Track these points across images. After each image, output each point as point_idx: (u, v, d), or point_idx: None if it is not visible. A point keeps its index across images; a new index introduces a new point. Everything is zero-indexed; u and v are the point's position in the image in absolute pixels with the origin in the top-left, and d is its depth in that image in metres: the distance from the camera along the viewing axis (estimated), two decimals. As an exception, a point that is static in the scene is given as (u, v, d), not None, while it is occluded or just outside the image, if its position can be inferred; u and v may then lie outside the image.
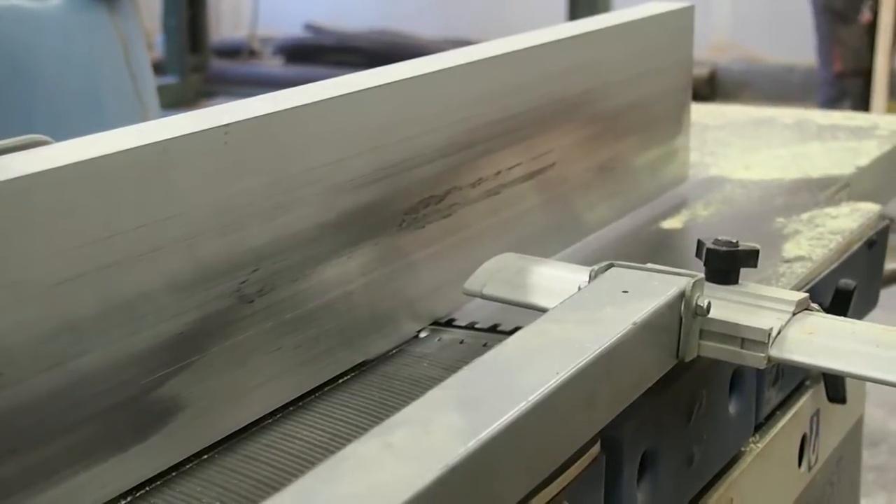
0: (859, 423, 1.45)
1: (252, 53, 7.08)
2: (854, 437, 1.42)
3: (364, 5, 7.36)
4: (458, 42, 6.00)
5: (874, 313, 1.38)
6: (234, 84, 6.27)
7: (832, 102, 5.05)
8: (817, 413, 1.24)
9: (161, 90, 2.29)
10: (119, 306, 0.78)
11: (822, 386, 1.22)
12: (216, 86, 6.31)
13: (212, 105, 0.93)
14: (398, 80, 1.01)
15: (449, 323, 1.09)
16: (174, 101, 5.20)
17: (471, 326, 1.08)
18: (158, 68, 4.79)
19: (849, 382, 1.21)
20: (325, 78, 0.99)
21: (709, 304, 0.92)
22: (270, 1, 7.08)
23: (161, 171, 0.80)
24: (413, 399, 0.73)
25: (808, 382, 1.22)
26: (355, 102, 0.96)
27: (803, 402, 1.21)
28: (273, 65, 7.03)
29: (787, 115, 1.91)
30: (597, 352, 0.80)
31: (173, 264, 0.82)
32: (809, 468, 1.24)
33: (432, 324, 1.08)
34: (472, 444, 0.68)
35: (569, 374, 0.77)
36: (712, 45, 6.62)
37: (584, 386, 0.79)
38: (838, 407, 1.24)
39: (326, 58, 6.68)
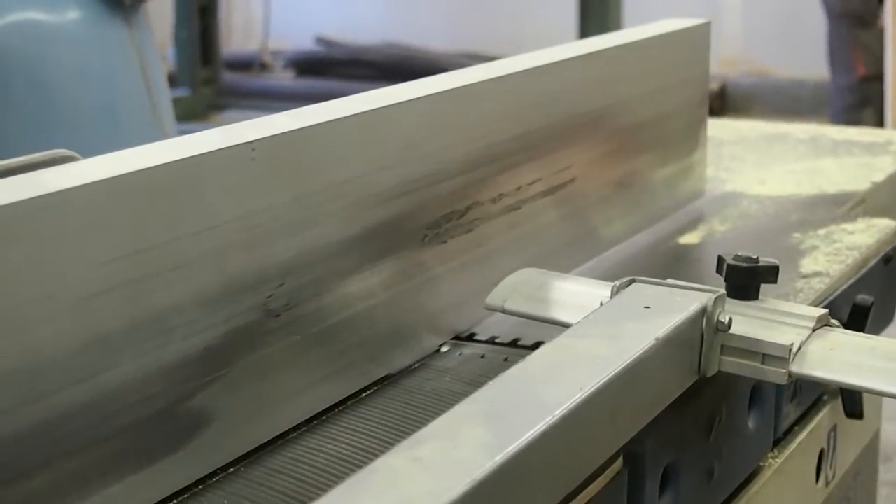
0: (876, 438, 1.46)
1: (263, 66, 7.10)
2: (871, 452, 1.43)
3: (375, 19, 7.38)
4: (469, 56, 6.03)
5: (891, 329, 1.39)
6: (245, 97, 6.28)
7: (852, 110, 5.00)
8: (835, 428, 1.24)
9: (173, 103, 2.30)
10: (149, 320, 0.79)
11: (839, 401, 1.22)
12: (227, 99, 6.32)
13: (223, 118, 0.94)
14: (422, 97, 1.02)
15: (470, 337, 1.09)
16: (185, 114, 5.20)
17: (491, 341, 1.08)
18: (170, 81, 4.82)
19: (866, 397, 1.22)
20: (336, 91, 1.00)
21: (730, 319, 0.92)
22: (282, 14, 7.10)
23: (189, 186, 0.81)
24: (435, 413, 0.74)
25: (825, 397, 1.23)
26: (379, 118, 0.97)
27: (821, 418, 1.21)
28: (284, 78, 7.04)
29: (802, 130, 1.91)
30: (620, 367, 0.81)
31: (201, 278, 0.82)
32: (827, 483, 1.25)
33: (453, 338, 1.09)
34: (500, 458, 0.68)
35: (593, 389, 0.78)
36: (722, 60, 6.63)
37: (607, 401, 0.79)
38: (855, 422, 1.24)
39: (337, 71, 6.69)
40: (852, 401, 1.20)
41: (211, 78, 6.30)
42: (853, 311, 1.23)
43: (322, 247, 0.93)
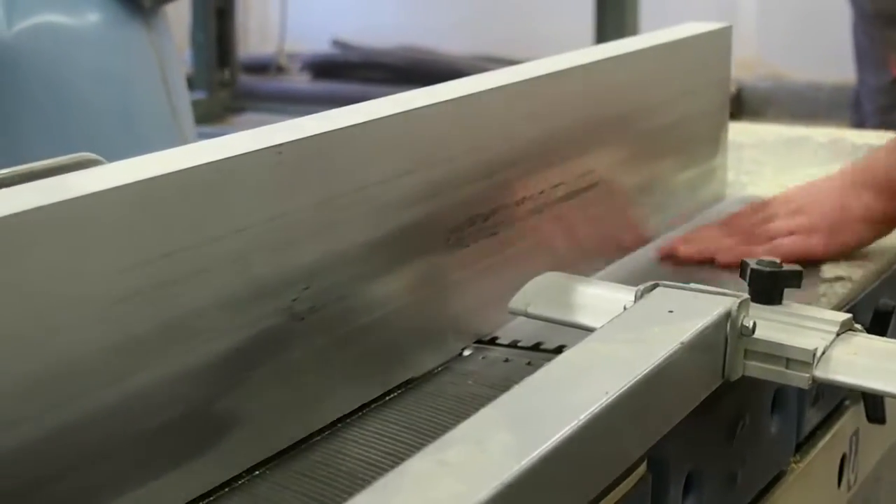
0: (897, 443, 1.45)
1: (280, 69, 7.10)
2: (892, 457, 1.42)
3: (391, 22, 7.38)
4: (486, 59, 6.02)
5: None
6: (261, 99, 6.28)
7: (885, 112, 4.95)
8: (857, 433, 1.24)
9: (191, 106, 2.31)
10: (175, 323, 0.79)
11: (861, 406, 1.22)
12: (244, 101, 6.32)
13: (240, 120, 0.94)
14: (447, 100, 1.02)
15: (492, 341, 1.10)
16: (202, 117, 5.20)
17: (514, 345, 1.08)
18: (187, 84, 4.83)
19: (888, 402, 1.22)
20: (352, 94, 1.01)
21: (754, 324, 0.92)
22: (298, 17, 7.10)
23: (217, 190, 0.81)
24: (459, 416, 0.74)
25: (847, 402, 1.23)
26: (405, 122, 0.97)
27: (843, 422, 1.21)
28: (301, 81, 7.03)
29: (821, 133, 1.91)
30: (645, 371, 0.81)
31: (227, 282, 0.83)
32: (849, 488, 1.24)
33: (476, 342, 1.09)
34: (526, 461, 0.68)
35: (618, 393, 0.78)
36: (738, 63, 6.61)
37: (632, 405, 0.79)
38: (877, 427, 1.24)
39: (354, 74, 6.68)
40: (874, 406, 1.20)
41: (228, 80, 6.31)
42: (875, 315, 1.23)
43: (347, 250, 0.93)
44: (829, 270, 1.25)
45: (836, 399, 1.20)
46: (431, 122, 1.00)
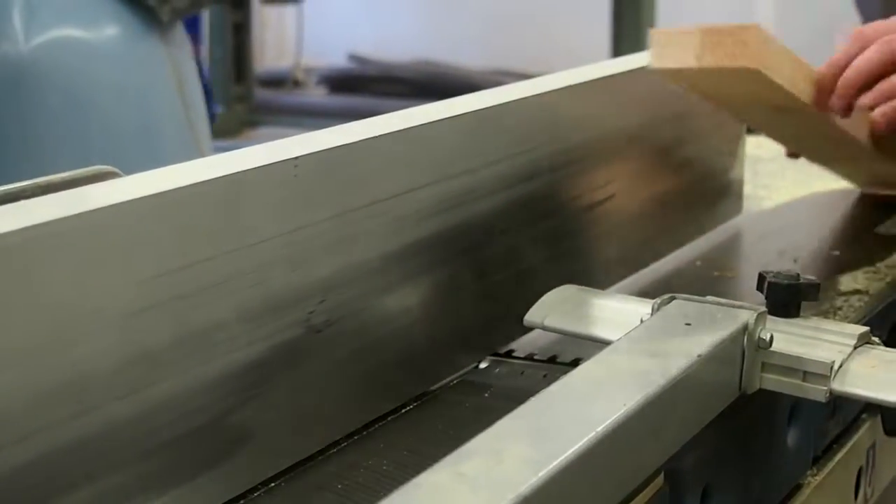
0: (914, 457, 1.45)
1: (296, 83, 7.12)
2: (909, 471, 1.42)
3: (408, 36, 7.39)
4: (503, 73, 6.02)
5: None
6: (278, 114, 6.30)
7: None
8: (873, 446, 1.24)
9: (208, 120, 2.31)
10: (192, 336, 0.79)
11: (878, 419, 1.22)
12: (261, 115, 6.34)
13: (256, 134, 0.95)
14: (463, 114, 1.02)
15: (508, 354, 1.10)
16: (219, 131, 5.21)
17: (530, 357, 1.09)
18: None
19: (905, 416, 1.22)
20: (369, 108, 1.01)
21: (771, 336, 0.92)
22: (314, 31, 7.11)
23: (233, 202, 0.82)
24: (475, 429, 0.74)
25: (864, 415, 1.22)
26: (421, 135, 0.97)
27: (860, 435, 1.20)
28: (317, 94, 7.05)
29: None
30: (662, 384, 0.81)
31: (245, 294, 0.83)
32: (866, 501, 1.24)
33: (492, 355, 1.09)
34: (543, 473, 0.68)
35: (636, 405, 0.77)
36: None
37: (650, 418, 0.79)
38: (895, 440, 1.23)
39: (370, 88, 6.69)
40: (892, 419, 1.19)
41: (244, 95, 6.33)
42: (892, 328, 1.23)
43: (363, 263, 0.93)
44: (846, 284, 1.25)
45: (853, 412, 1.20)
46: (448, 136, 1.00)
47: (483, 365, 1.07)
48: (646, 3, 5.11)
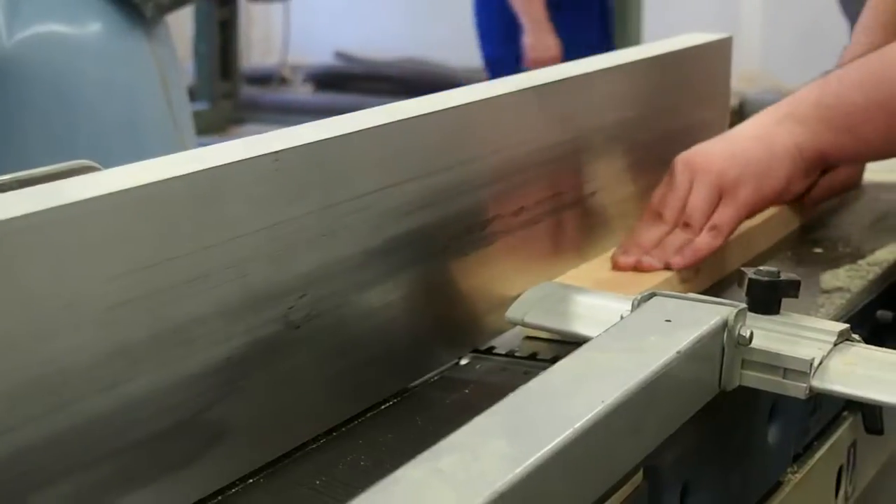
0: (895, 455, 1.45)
1: (282, 81, 7.11)
2: (891, 469, 1.42)
3: (394, 34, 7.38)
4: (489, 71, 6.00)
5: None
6: (264, 111, 6.29)
7: None
8: (854, 444, 1.24)
9: (192, 116, 2.31)
10: (170, 330, 0.79)
11: (859, 417, 1.22)
12: (246, 112, 6.33)
13: (242, 131, 0.94)
14: (444, 109, 1.02)
15: (489, 351, 1.09)
16: (204, 128, 5.21)
17: (510, 354, 1.08)
18: (189, 95, 4.83)
19: (886, 413, 1.22)
20: (355, 106, 1.00)
21: (751, 333, 0.92)
22: (301, 29, 7.11)
23: (212, 197, 0.81)
24: (455, 425, 0.74)
25: (845, 413, 1.22)
26: (403, 130, 0.97)
27: (841, 433, 1.21)
28: (303, 92, 7.05)
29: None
30: (641, 380, 0.81)
31: (224, 289, 0.83)
32: (846, 499, 1.24)
33: (472, 351, 1.09)
34: (520, 470, 0.68)
35: (614, 401, 0.77)
36: (741, 76, 6.62)
37: (628, 414, 0.79)
38: (875, 438, 1.23)
39: (357, 86, 6.70)
40: (872, 417, 1.20)
41: (230, 92, 6.32)
42: (873, 326, 1.23)
43: (343, 258, 0.93)
44: (827, 281, 1.25)
45: (833, 410, 1.20)
46: (429, 132, 1.00)
47: (464, 361, 1.07)
48: (632, 3, 5.11)
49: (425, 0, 7.47)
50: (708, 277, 1.23)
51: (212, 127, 5.67)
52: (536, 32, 3.97)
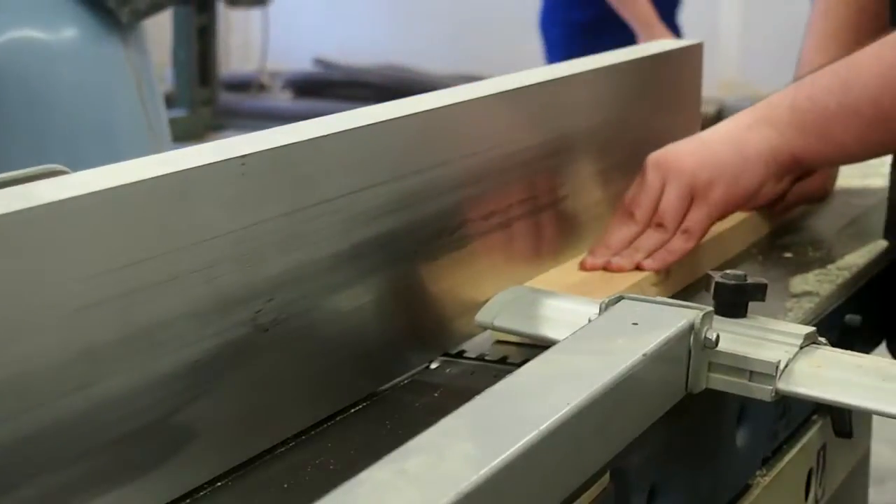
0: (865, 458, 1.46)
1: (261, 87, 7.12)
2: (860, 472, 1.43)
3: (373, 41, 7.39)
4: (469, 78, 6.00)
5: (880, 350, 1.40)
6: (243, 117, 6.30)
7: None
8: (824, 447, 1.25)
9: (170, 123, 2.31)
10: (138, 333, 0.79)
11: (828, 420, 1.22)
12: (225, 119, 6.34)
13: (220, 138, 0.94)
14: (414, 114, 1.02)
15: (459, 355, 1.10)
16: (183, 134, 5.22)
17: (481, 358, 1.09)
18: (168, 101, 4.82)
19: (855, 417, 1.22)
20: (333, 112, 1.00)
21: (717, 336, 0.93)
22: (280, 35, 7.11)
23: (180, 200, 0.82)
24: (424, 428, 0.74)
25: (815, 417, 1.23)
26: (372, 134, 0.97)
27: (810, 436, 1.21)
28: (282, 99, 7.06)
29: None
30: (607, 382, 0.81)
31: (192, 292, 0.83)
32: (816, 502, 1.25)
33: (443, 355, 1.09)
34: (485, 471, 0.69)
35: (580, 403, 0.78)
36: (720, 83, 6.64)
37: (594, 416, 0.80)
38: (845, 441, 1.24)
39: (335, 92, 6.71)
40: (841, 420, 1.20)
41: (209, 98, 6.33)
42: (842, 330, 1.24)
43: (312, 262, 0.93)
44: (796, 285, 1.25)
45: (803, 413, 1.21)
46: (398, 135, 1.00)
47: (434, 365, 1.08)
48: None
49: (404, 7, 7.48)
50: (679, 280, 1.24)
51: (190, 133, 5.68)
52: (649, 33, 3.65)
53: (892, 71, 1.21)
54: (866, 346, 1.32)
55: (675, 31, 3.97)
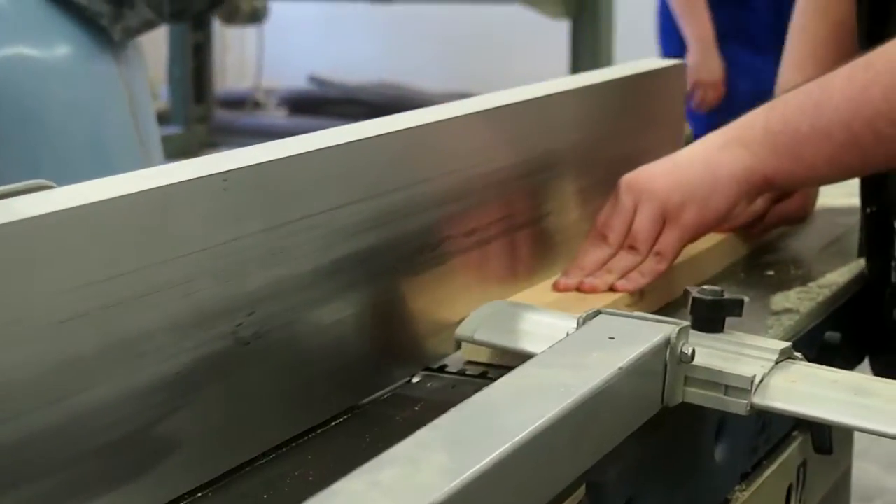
0: (847, 475, 1.47)
1: (256, 105, 7.13)
2: (841, 489, 1.44)
3: (368, 58, 7.41)
4: (462, 96, 6.01)
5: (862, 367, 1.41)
6: (238, 135, 6.30)
7: None
8: (804, 464, 1.26)
9: (165, 140, 2.32)
10: (119, 346, 0.80)
11: (809, 436, 1.23)
12: (220, 136, 6.35)
13: (215, 155, 0.95)
14: (396, 131, 1.03)
15: (440, 369, 1.11)
16: (178, 151, 5.23)
17: (461, 373, 1.10)
18: (163, 118, 4.83)
19: (835, 433, 1.23)
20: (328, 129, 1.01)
21: (693, 351, 0.94)
22: (275, 53, 7.13)
23: (161, 215, 0.83)
24: (404, 442, 0.75)
25: (795, 433, 1.24)
26: (354, 151, 0.99)
27: (790, 452, 1.22)
28: (277, 116, 7.07)
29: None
30: (582, 395, 0.82)
31: (172, 306, 0.84)
32: (796, 517, 1.26)
33: (424, 369, 1.10)
34: (458, 482, 0.70)
35: (555, 416, 0.79)
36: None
37: (569, 428, 0.81)
38: (826, 458, 1.25)
39: (330, 110, 6.72)
40: (821, 436, 1.21)
41: (204, 115, 6.33)
42: (821, 347, 1.25)
43: (293, 277, 0.94)
44: (777, 303, 1.27)
45: (784, 429, 1.22)
46: (380, 152, 1.02)
47: (415, 379, 1.09)
48: (603, 26, 5.15)
49: (399, 25, 7.50)
50: (653, 301, 1.25)
51: (185, 150, 5.68)
52: (702, 53, 3.67)
53: (862, 94, 1.22)
54: (846, 364, 1.33)
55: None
